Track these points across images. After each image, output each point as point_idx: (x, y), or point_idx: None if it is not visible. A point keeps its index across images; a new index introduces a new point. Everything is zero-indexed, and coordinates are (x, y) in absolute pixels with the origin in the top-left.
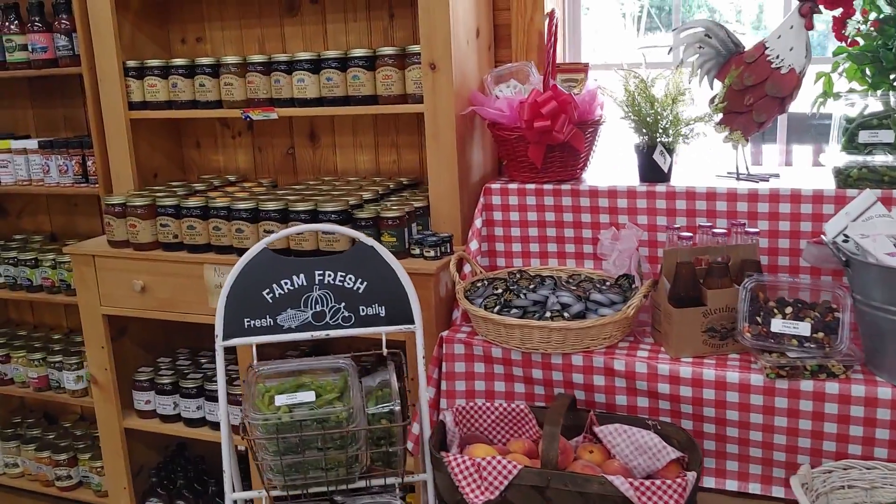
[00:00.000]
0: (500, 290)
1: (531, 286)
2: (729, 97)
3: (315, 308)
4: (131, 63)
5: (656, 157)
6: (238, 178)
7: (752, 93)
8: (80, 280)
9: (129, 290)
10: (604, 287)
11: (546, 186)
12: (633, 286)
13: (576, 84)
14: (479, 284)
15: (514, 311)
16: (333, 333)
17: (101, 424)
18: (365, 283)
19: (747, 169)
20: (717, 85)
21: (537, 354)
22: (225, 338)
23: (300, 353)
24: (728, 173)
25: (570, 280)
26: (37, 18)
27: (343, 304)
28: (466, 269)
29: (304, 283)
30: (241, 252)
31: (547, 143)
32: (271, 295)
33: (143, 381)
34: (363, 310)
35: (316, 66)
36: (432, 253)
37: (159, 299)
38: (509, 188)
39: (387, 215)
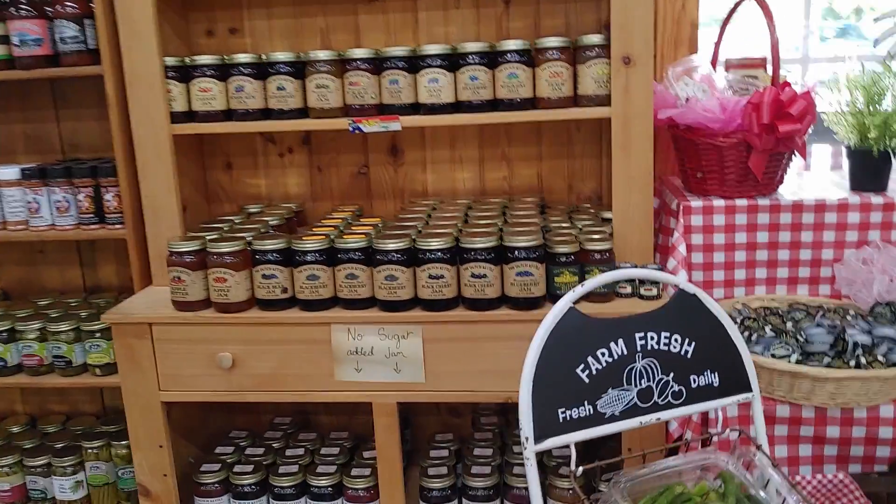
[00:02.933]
0: (769, 331)
1: (792, 323)
2: None
3: (640, 384)
4: (170, 61)
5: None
6: (297, 206)
7: None
8: (127, 358)
9: (209, 368)
10: (860, 318)
11: (761, 202)
12: None
13: (756, 80)
14: None
15: (795, 356)
16: (665, 416)
17: None
18: (693, 343)
19: None
20: None
21: (835, 409)
22: (538, 439)
23: None
24: None
25: (810, 312)
26: (24, 0)
27: (671, 374)
28: None
29: (625, 352)
30: (387, 306)
31: (780, 150)
32: (587, 372)
33: (210, 484)
34: (694, 380)
35: (453, 61)
36: (654, 291)
37: (257, 376)
38: (714, 206)
39: (592, 248)
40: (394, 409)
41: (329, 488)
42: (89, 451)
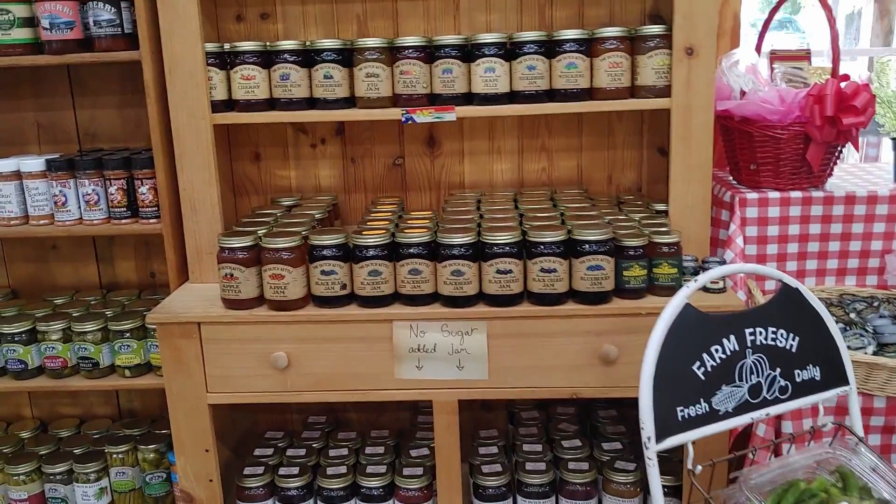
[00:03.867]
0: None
1: (855, 314)
2: None
3: (750, 380)
4: (211, 47)
5: None
6: (332, 197)
7: None
8: (174, 359)
9: (261, 368)
10: None
11: (815, 194)
12: None
13: (801, 72)
14: None
15: (871, 347)
16: (774, 411)
17: None
18: (797, 337)
19: None
20: None
21: None
22: (658, 438)
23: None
24: None
25: (870, 303)
26: None
27: (778, 369)
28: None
29: (737, 348)
30: (451, 302)
31: (838, 142)
32: (702, 369)
33: (255, 488)
34: (798, 374)
35: (509, 51)
36: (720, 284)
37: (313, 376)
38: (769, 198)
39: (661, 241)
40: (455, 407)
41: (381, 489)
42: (115, 456)
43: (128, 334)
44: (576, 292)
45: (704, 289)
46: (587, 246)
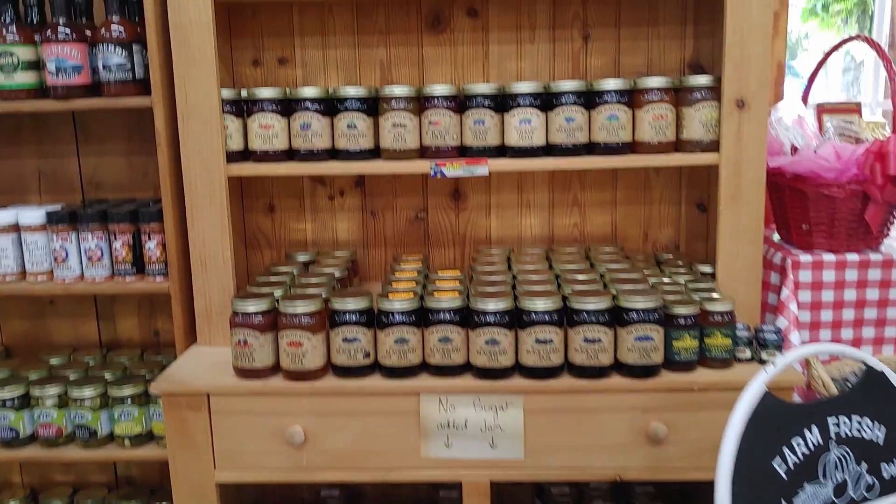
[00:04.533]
0: None
1: None
2: None
3: (835, 478)
4: (227, 93)
5: None
6: (350, 253)
7: None
8: (179, 432)
9: (275, 443)
10: None
11: (873, 257)
12: None
13: (853, 126)
14: None
15: None
16: None
17: None
18: (883, 428)
19: None
20: None
21: None
22: None
23: None
24: None
25: None
26: (62, 20)
27: (864, 464)
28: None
29: (820, 441)
30: (485, 373)
31: None
32: (784, 466)
33: None
34: (885, 469)
35: (546, 101)
36: (776, 357)
37: (331, 453)
38: (824, 261)
39: (714, 308)
40: (486, 489)
41: None
42: None
43: (129, 401)
44: (621, 364)
45: (760, 361)
46: (635, 314)
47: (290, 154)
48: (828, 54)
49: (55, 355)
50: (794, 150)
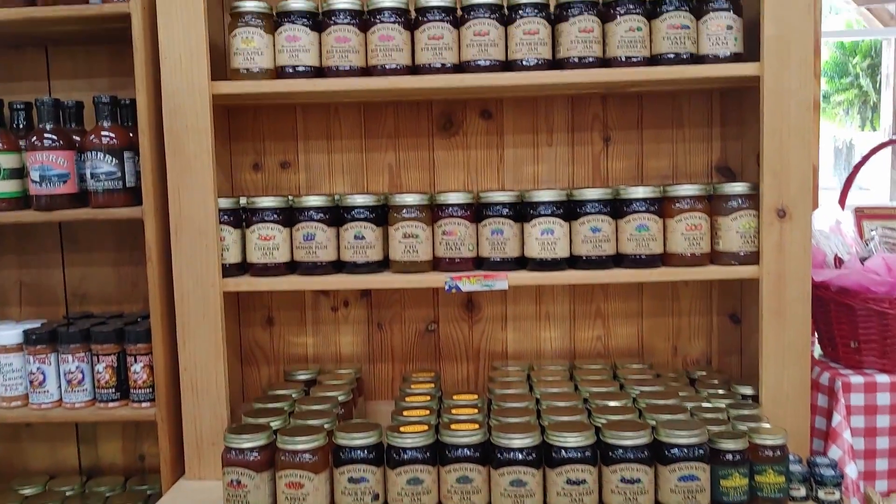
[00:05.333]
0: None
1: None
2: None
3: None
4: (224, 202)
5: None
6: (357, 371)
7: None
8: None
9: None
10: None
11: None
12: None
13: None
14: None
15: None
16: None
17: None
18: None
19: None
20: None
21: None
22: None
23: None
24: None
25: None
26: (50, 126)
27: None
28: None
29: None
30: None
31: None
32: None
33: None
34: None
35: (569, 209)
36: (836, 496)
37: None
38: (878, 382)
39: (765, 443)
40: None
41: None
42: None
43: None
44: None
45: (816, 499)
46: (677, 450)
47: (292, 266)
48: (866, 157)
49: (30, 485)
50: (837, 260)
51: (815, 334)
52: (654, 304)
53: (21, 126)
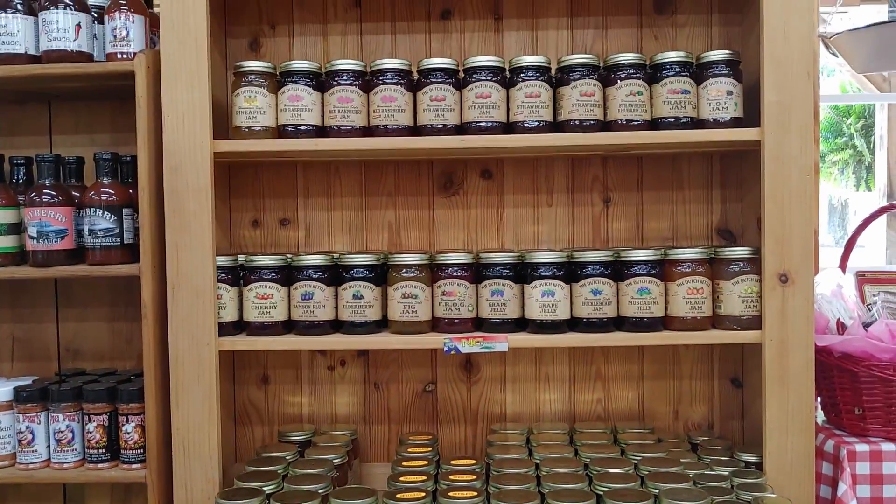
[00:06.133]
0: None
1: None
2: None
3: None
4: (223, 260)
5: None
6: (352, 433)
7: None
8: None
9: None
10: None
11: None
12: None
13: None
14: None
15: None
16: None
17: None
18: None
19: None
20: None
21: None
22: None
23: None
24: None
25: None
26: (49, 182)
27: None
28: None
29: None
30: None
31: None
32: None
33: None
34: None
35: (570, 271)
36: None
37: None
38: (883, 451)
39: None
40: None
41: None
42: None
43: None
44: None
45: None
46: None
47: (289, 325)
48: (866, 222)
49: None
50: (840, 325)
51: (819, 399)
52: (655, 368)
53: (21, 181)
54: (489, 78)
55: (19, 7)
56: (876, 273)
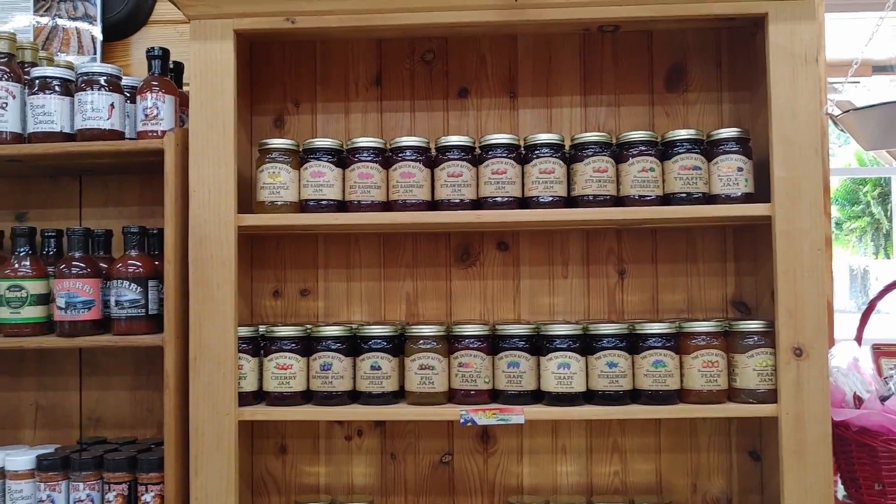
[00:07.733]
0: None
1: None
2: None
3: None
4: (244, 331)
5: None
6: (367, 503)
7: None
8: None
9: None
10: None
11: None
12: None
13: None
14: None
15: None
16: None
17: None
18: None
19: None
20: None
21: None
22: None
23: None
24: None
25: None
26: (78, 254)
27: None
28: None
29: None
30: None
31: None
32: None
33: None
34: None
35: (586, 344)
36: None
37: None
38: None
39: None
40: None
41: None
42: None
43: None
44: None
45: None
46: None
47: (308, 395)
48: (882, 294)
49: None
50: (857, 399)
51: (838, 474)
52: (672, 440)
53: (51, 253)
54: (505, 154)
55: (56, 88)
56: (892, 346)
